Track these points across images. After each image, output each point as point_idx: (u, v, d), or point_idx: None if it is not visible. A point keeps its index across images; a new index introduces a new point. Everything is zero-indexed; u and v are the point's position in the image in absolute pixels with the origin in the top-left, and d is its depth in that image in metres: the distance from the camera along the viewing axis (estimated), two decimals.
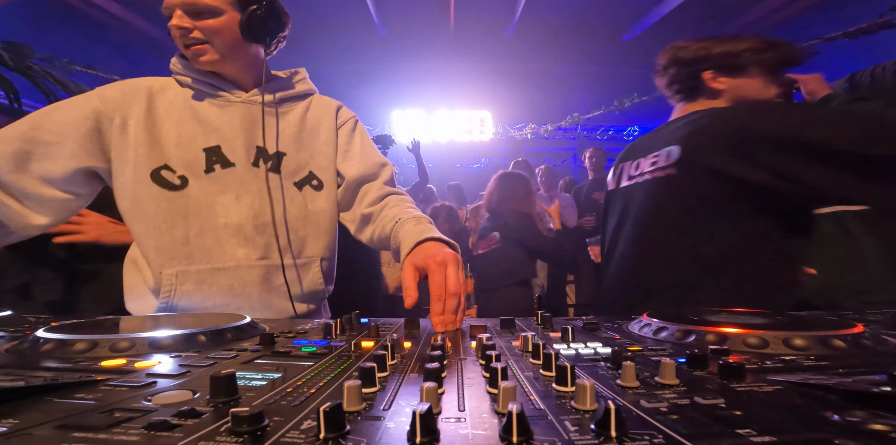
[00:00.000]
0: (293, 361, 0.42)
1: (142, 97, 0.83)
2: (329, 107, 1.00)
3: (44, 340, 0.46)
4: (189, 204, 0.82)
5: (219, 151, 0.85)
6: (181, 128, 0.83)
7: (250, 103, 0.89)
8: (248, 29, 0.82)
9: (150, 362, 0.41)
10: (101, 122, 0.79)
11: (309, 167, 0.93)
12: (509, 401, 0.26)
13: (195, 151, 0.83)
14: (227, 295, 0.84)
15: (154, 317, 0.64)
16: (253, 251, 0.86)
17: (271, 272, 0.88)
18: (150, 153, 0.81)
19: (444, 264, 0.67)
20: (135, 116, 0.81)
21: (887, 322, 0.60)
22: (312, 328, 0.61)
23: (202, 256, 0.83)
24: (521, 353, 0.45)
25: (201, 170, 0.83)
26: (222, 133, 0.86)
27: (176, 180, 0.82)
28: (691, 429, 0.24)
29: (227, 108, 0.88)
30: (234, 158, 0.86)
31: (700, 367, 0.36)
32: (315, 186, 0.94)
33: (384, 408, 0.28)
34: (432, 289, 0.65)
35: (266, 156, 0.89)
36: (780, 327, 0.49)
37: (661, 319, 0.55)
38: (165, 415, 0.26)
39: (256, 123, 0.88)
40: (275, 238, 0.88)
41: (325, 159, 0.95)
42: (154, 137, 0.82)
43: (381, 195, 0.96)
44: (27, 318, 0.73)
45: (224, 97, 0.88)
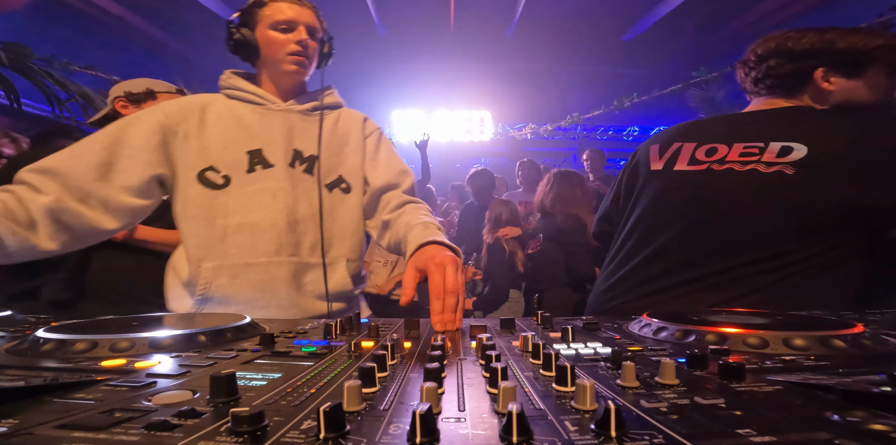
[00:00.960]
0: (293, 361, 0.42)
1: (196, 111, 0.94)
2: (357, 118, 1.08)
3: (44, 340, 0.46)
4: (229, 202, 0.90)
5: (260, 154, 0.93)
6: (227, 134, 0.93)
7: (288, 111, 0.98)
8: (326, 55, 1.01)
9: (150, 362, 0.41)
10: (166, 134, 0.90)
11: (339, 171, 1.00)
12: (509, 401, 0.26)
13: (239, 154, 0.92)
14: (256, 290, 0.89)
15: (154, 317, 0.64)
16: (283, 248, 0.91)
17: (300, 270, 0.92)
18: (198, 157, 0.90)
19: (442, 265, 0.69)
20: (191, 127, 0.92)
21: (887, 322, 0.60)
22: (312, 329, 0.61)
23: (237, 251, 0.89)
24: (521, 353, 0.45)
25: (244, 170, 0.91)
26: (263, 138, 0.94)
27: (219, 179, 0.90)
28: (691, 429, 0.24)
29: (267, 115, 0.97)
30: (274, 160, 0.94)
31: (700, 367, 0.36)
32: (344, 189, 1.00)
33: (384, 408, 0.28)
34: (431, 289, 0.67)
35: (301, 158, 0.97)
36: (780, 327, 0.49)
37: (661, 319, 0.55)
38: (165, 415, 0.26)
39: (294, 128, 0.98)
40: (305, 236, 0.94)
41: (353, 166, 1.02)
42: (203, 143, 0.91)
43: (400, 203, 1.01)
44: (27, 318, 0.73)
45: (265, 106, 0.98)
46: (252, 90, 0.97)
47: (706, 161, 0.93)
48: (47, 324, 0.57)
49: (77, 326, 0.55)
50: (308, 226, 0.94)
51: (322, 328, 0.58)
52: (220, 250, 0.88)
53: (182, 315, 0.71)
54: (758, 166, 0.86)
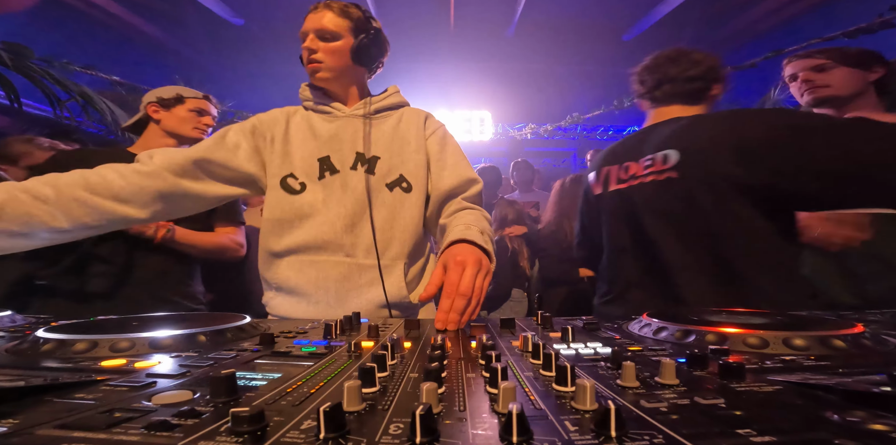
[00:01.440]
0: (293, 361, 0.42)
1: (282, 120, 1.04)
2: (419, 117, 1.10)
3: (44, 340, 0.46)
4: (304, 206, 0.97)
5: (328, 161, 1.00)
6: (304, 143, 1.01)
7: (352, 117, 1.04)
8: (355, 53, 1.00)
9: (150, 362, 0.41)
10: (258, 138, 1.01)
11: (400, 171, 1.02)
12: (509, 401, 0.26)
13: (312, 161, 0.99)
14: (311, 286, 0.95)
15: (154, 317, 0.64)
16: (340, 248, 0.96)
17: (353, 271, 0.96)
18: (281, 164, 0.99)
19: (462, 264, 0.68)
20: (278, 135, 1.01)
21: (887, 322, 0.60)
22: (312, 328, 0.61)
23: (306, 249, 0.96)
24: (521, 353, 0.45)
25: (316, 177, 0.99)
26: (331, 145, 1.01)
27: (297, 185, 0.98)
28: (691, 429, 0.24)
29: (333, 122, 1.03)
30: (340, 166, 1.00)
31: (700, 367, 0.36)
32: (405, 188, 1.02)
33: (384, 408, 0.28)
34: (444, 286, 0.66)
35: (363, 160, 1.01)
36: (780, 327, 0.49)
37: (661, 319, 0.55)
38: (165, 415, 0.26)
39: (357, 132, 1.02)
40: (360, 238, 0.97)
41: (414, 165, 1.03)
42: (286, 151, 1.00)
43: (459, 208, 1.01)
44: (27, 318, 0.73)
45: (332, 114, 1.04)
46: (319, 100, 1.04)
47: (626, 179, 1.06)
48: (47, 324, 0.57)
49: (77, 326, 0.55)
50: (365, 228, 0.97)
51: (322, 328, 0.58)
52: (293, 247, 0.96)
53: (182, 315, 0.71)
54: (656, 177, 0.98)
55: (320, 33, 0.97)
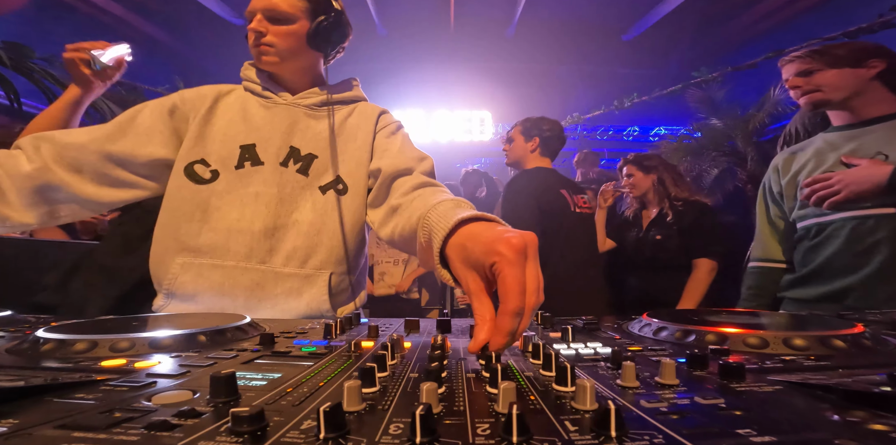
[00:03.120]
0: (293, 361, 0.42)
1: (210, 98, 0.90)
2: (372, 112, 0.97)
3: (44, 340, 0.46)
4: (211, 198, 0.84)
5: (252, 149, 0.87)
6: (228, 126, 0.88)
7: (294, 106, 0.92)
8: (312, 37, 0.88)
9: (150, 362, 0.41)
10: (177, 118, 0.88)
11: (337, 171, 0.90)
12: (509, 401, 0.26)
13: (232, 148, 0.86)
14: (215, 293, 0.83)
15: (154, 317, 0.64)
16: (254, 253, 0.83)
17: (267, 279, 0.84)
18: (192, 148, 0.86)
19: (522, 252, 0.40)
20: (199, 114, 0.88)
21: (887, 322, 0.60)
22: (312, 329, 0.61)
23: (208, 250, 0.83)
24: (521, 353, 0.45)
25: (233, 165, 0.86)
26: (261, 133, 0.88)
27: (207, 173, 0.85)
28: (691, 429, 0.24)
29: (271, 109, 0.91)
30: (265, 158, 0.87)
31: (700, 367, 0.36)
32: (340, 190, 0.89)
33: (384, 408, 0.28)
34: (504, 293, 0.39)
35: (297, 157, 0.89)
36: (780, 327, 0.49)
37: (661, 319, 0.55)
38: (165, 415, 0.26)
39: (296, 124, 0.90)
40: (282, 243, 0.85)
41: (355, 164, 0.91)
42: (203, 133, 0.87)
43: (416, 185, 0.82)
44: (27, 318, 0.73)
45: (271, 99, 0.92)
46: (261, 83, 0.92)
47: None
48: (47, 324, 0.57)
49: (77, 326, 0.55)
50: (288, 233, 0.85)
51: (322, 328, 0.58)
52: (193, 247, 0.83)
53: (182, 315, 0.70)
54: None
55: (271, 14, 0.85)
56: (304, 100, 0.92)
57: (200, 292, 0.83)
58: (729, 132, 4.37)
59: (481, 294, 0.42)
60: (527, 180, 1.91)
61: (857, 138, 1.19)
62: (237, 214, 0.84)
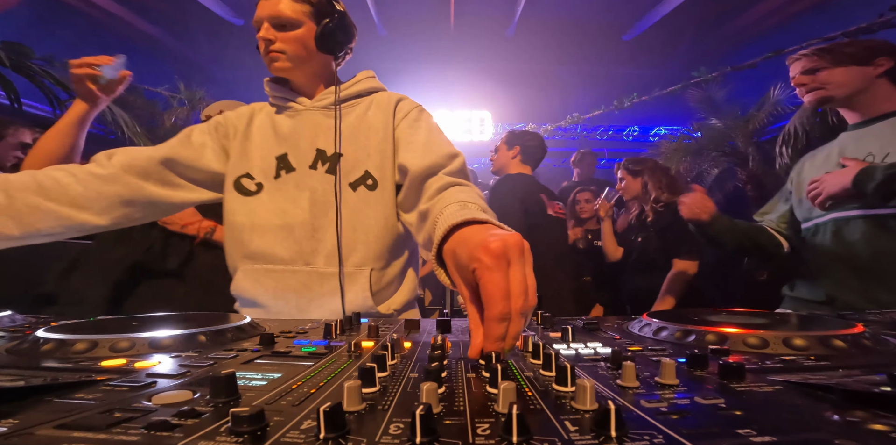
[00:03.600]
0: (293, 361, 0.42)
1: (246, 116, 0.97)
2: (389, 101, 0.97)
3: (44, 340, 0.46)
4: (259, 209, 0.90)
5: (285, 158, 0.92)
6: (263, 140, 0.94)
7: (314, 109, 0.95)
8: (320, 40, 0.90)
9: (150, 362, 0.41)
10: (221, 135, 0.95)
11: (364, 166, 0.90)
12: (509, 401, 0.26)
13: (270, 160, 0.92)
14: (269, 297, 0.88)
15: (154, 317, 0.64)
16: (299, 256, 0.88)
17: (313, 280, 0.87)
18: (237, 163, 0.92)
19: (503, 256, 0.40)
20: (240, 132, 0.95)
21: (887, 322, 0.60)
22: (312, 328, 0.61)
23: (261, 257, 0.89)
24: (521, 353, 0.45)
25: (272, 176, 0.91)
26: (290, 141, 0.93)
27: (253, 186, 0.91)
28: (691, 429, 0.24)
29: (295, 117, 0.95)
30: (297, 164, 0.91)
31: (700, 367, 0.36)
32: (369, 186, 0.90)
33: (384, 408, 0.28)
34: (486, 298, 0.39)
35: (325, 158, 0.91)
36: (780, 327, 0.49)
37: (661, 319, 0.55)
38: (165, 415, 0.26)
39: (318, 127, 0.93)
40: (322, 244, 0.88)
41: (381, 158, 0.91)
42: (245, 149, 0.93)
43: (442, 186, 0.79)
44: (27, 318, 0.73)
45: (293, 108, 0.96)
46: (279, 95, 0.96)
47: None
48: (47, 324, 0.57)
49: (77, 326, 0.55)
50: (326, 233, 0.87)
51: (322, 328, 0.58)
52: (248, 255, 0.89)
53: (182, 315, 0.71)
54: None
55: (276, 21, 0.87)
56: (321, 102, 0.95)
57: (258, 296, 0.88)
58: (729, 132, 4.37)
59: (469, 302, 0.44)
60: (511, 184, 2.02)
61: (861, 138, 1.19)
62: (279, 220, 0.88)
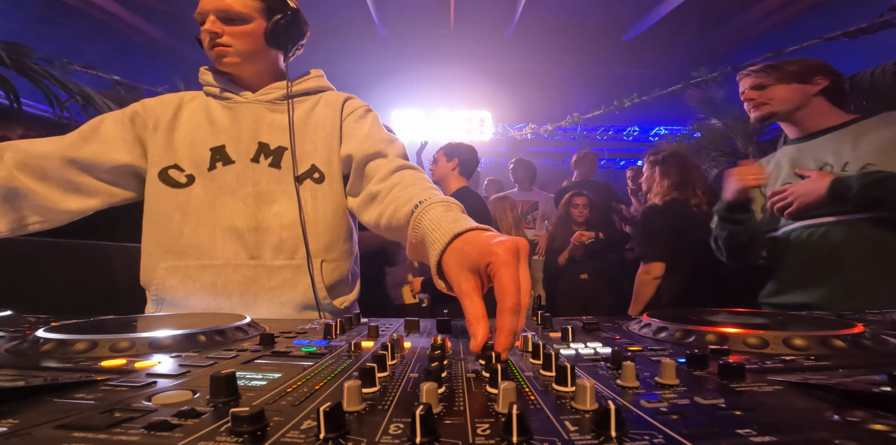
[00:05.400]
0: (293, 361, 0.42)
1: (173, 105, 0.92)
2: (337, 99, 0.97)
3: (44, 340, 0.46)
4: (190, 201, 0.86)
5: (223, 150, 0.88)
6: (194, 130, 0.89)
7: (256, 103, 0.92)
8: (271, 36, 0.88)
9: (150, 362, 0.41)
10: (138, 127, 0.89)
11: (311, 160, 0.90)
12: (509, 401, 0.26)
13: (203, 151, 0.88)
14: (208, 293, 0.84)
15: (154, 317, 0.64)
16: (243, 249, 0.85)
17: (260, 274, 0.85)
18: (162, 154, 0.87)
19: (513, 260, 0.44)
20: (163, 122, 0.89)
21: (887, 322, 0.60)
22: (312, 328, 0.61)
23: (193, 251, 0.84)
24: (521, 353, 0.45)
25: (205, 168, 0.87)
26: (229, 133, 0.89)
27: (182, 178, 0.87)
28: (691, 429, 0.24)
29: (234, 108, 0.92)
30: (236, 156, 0.88)
31: (700, 367, 0.36)
32: (316, 179, 0.90)
33: (384, 408, 0.28)
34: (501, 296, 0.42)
35: (267, 151, 0.89)
36: (780, 327, 0.49)
37: (661, 319, 0.55)
38: (165, 415, 0.26)
39: (261, 120, 0.91)
40: (267, 236, 0.86)
41: (326, 152, 0.91)
42: (170, 139, 0.88)
43: (392, 169, 0.84)
44: (27, 318, 0.73)
45: (233, 99, 0.92)
46: (219, 85, 0.92)
47: None
48: (47, 324, 0.57)
49: (77, 326, 0.55)
50: (272, 226, 0.86)
51: (322, 328, 0.58)
52: (177, 250, 0.85)
53: (182, 315, 0.70)
54: None
55: (224, 15, 0.84)
56: (266, 95, 0.92)
57: (191, 294, 0.84)
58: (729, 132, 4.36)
59: (474, 294, 0.45)
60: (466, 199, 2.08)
61: (806, 150, 1.26)
62: (218, 213, 0.85)
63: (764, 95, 1.28)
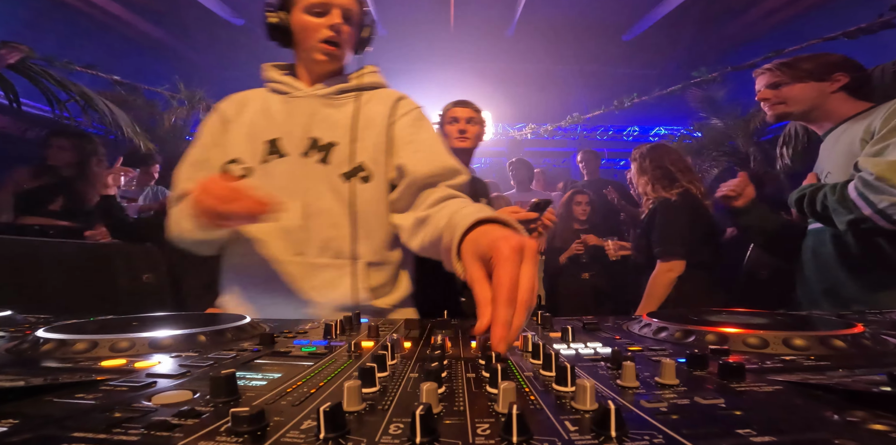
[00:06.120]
0: (293, 361, 0.42)
1: (241, 102, 0.95)
2: (390, 97, 0.97)
3: (44, 340, 0.46)
4: None
5: (276, 143, 0.89)
6: (253, 124, 0.91)
7: (311, 97, 0.93)
8: (360, 43, 0.95)
9: (150, 362, 0.41)
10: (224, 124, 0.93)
11: (359, 158, 0.89)
12: (509, 401, 0.26)
13: (258, 144, 0.89)
14: (260, 289, 0.86)
15: (154, 317, 0.64)
16: (290, 246, 0.85)
17: (305, 271, 0.85)
18: (227, 149, 0.90)
19: (519, 251, 0.44)
20: (232, 116, 0.93)
21: (887, 322, 0.60)
22: (312, 328, 0.61)
23: (246, 249, 0.86)
24: (521, 353, 0.45)
25: (260, 161, 0.88)
26: (283, 127, 0.90)
27: (239, 172, 0.88)
28: (691, 429, 0.24)
29: (290, 103, 0.93)
30: (288, 150, 0.88)
31: (700, 367, 0.36)
32: (364, 178, 0.88)
33: (384, 408, 0.28)
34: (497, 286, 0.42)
35: (317, 147, 0.89)
36: (780, 327, 0.49)
37: (661, 319, 0.55)
38: (165, 415, 0.26)
39: (315, 115, 0.91)
40: (313, 233, 0.85)
41: (375, 151, 0.90)
42: (235, 134, 0.91)
43: (444, 197, 0.82)
44: (27, 318, 0.73)
45: (290, 93, 0.94)
46: (279, 79, 0.94)
47: None
48: (47, 324, 0.57)
49: (77, 326, 0.55)
50: (318, 223, 0.85)
51: (322, 328, 0.58)
52: (235, 247, 0.87)
53: (182, 315, 0.71)
54: None
55: (347, 14, 0.87)
56: (321, 90, 0.93)
57: (247, 289, 0.87)
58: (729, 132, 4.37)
59: (483, 281, 0.46)
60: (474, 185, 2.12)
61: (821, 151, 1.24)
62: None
63: (779, 94, 1.24)
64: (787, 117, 1.27)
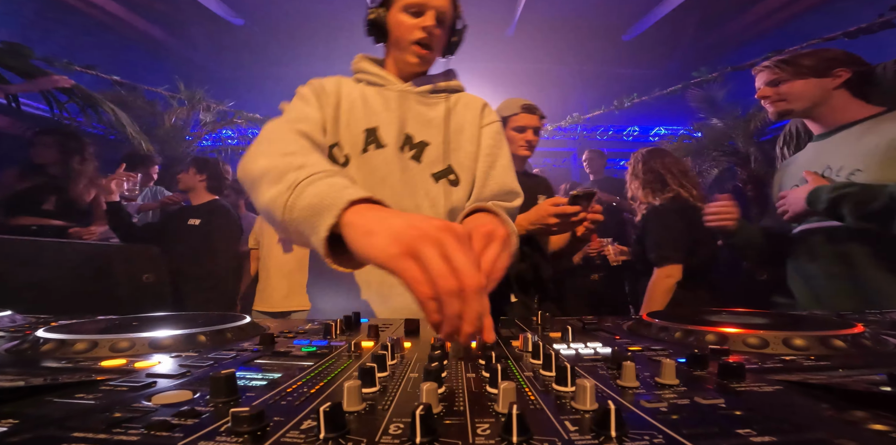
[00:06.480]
0: (293, 361, 0.42)
1: (335, 85, 0.93)
2: (476, 104, 0.98)
3: (44, 340, 0.46)
4: None
5: (376, 133, 0.88)
6: (351, 111, 0.90)
7: (407, 93, 0.93)
8: (451, 46, 0.95)
9: (150, 362, 0.41)
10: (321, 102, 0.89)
11: (449, 160, 0.90)
12: (509, 401, 0.26)
13: (357, 132, 0.88)
14: (350, 285, 0.86)
15: (154, 317, 0.64)
16: None
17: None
18: (330, 131, 0.88)
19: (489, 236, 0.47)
20: (331, 100, 0.90)
21: (887, 322, 0.60)
22: (312, 328, 0.61)
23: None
24: (521, 353, 0.45)
25: (360, 150, 0.87)
26: (382, 117, 0.90)
27: (342, 158, 0.87)
28: (691, 429, 0.24)
29: (385, 95, 0.93)
30: (387, 141, 0.88)
31: (700, 367, 0.36)
32: (452, 181, 0.90)
33: (384, 408, 0.28)
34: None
35: (411, 143, 0.90)
36: (780, 327, 0.49)
37: (661, 319, 0.55)
38: (165, 415, 0.26)
39: (408, 110, 0.91)
40: None
41: (465, 156, 0.92)
42: (335, 118, 0.89)
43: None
44: (27, 318, 0.73)
45: (386, 87, 0.94)
46: (375, 72, 0.94)
47: None
48: (47, 324, 0.57)
49: (77, 326, 0.55)
50: None
51: (322, 328, 0.58)
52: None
53: (182, 315, 0.71)
54: None
55: (441, 16, 0.86)
56: (416, 88, 0.93)
57: (341, 283, 0.86)
58: (729, 132, 4.37)
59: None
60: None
61: (820, 150, 1.21)
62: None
63: (779, 91, 1.22)
64: (790, 115, 1.25)
